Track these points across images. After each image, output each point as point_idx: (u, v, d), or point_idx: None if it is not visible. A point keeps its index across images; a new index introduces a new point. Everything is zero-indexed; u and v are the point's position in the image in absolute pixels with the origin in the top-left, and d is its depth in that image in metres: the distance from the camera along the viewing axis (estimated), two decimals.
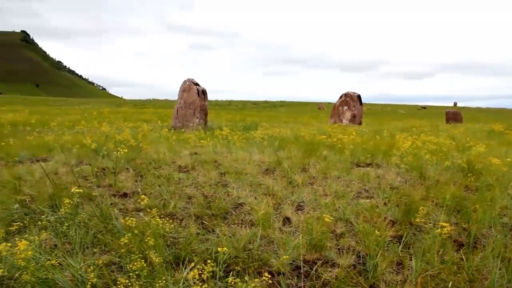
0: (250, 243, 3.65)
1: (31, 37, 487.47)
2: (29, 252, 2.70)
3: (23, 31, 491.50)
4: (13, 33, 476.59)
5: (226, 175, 5.70)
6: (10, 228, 3.47)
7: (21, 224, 3.62)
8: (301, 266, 3.37)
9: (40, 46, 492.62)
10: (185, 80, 14.24)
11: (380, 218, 4.27)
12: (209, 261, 2.82)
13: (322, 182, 5.58)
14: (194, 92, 13.78)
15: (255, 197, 4.83)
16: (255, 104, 73.78)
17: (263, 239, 3.78)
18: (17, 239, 3.06)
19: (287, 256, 3.35)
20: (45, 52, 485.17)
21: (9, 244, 2.80)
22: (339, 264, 3.43)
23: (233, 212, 4.43)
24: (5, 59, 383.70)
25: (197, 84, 14.02)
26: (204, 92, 14.00)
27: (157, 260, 2.97)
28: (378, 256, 3.37)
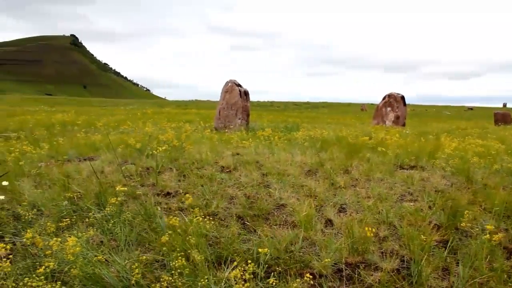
0: (291, 244, 3.63)
1: (79, 41, 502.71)
2: (77, 248, 2.79)
3: (72, 35, 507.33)
4: (63, 37, 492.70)
5: (268, 176, 5.70)
6: (60, 224, 3.58)
7: (70, 220, 3.74)
8: (343, 269, 3.33)
9: (87, 49, 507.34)
10: (227, 81, 14.34)
11: (424, 222, 4.17)
12: (250, 261, 2.83)
13: (365, 184, 5.50)
14: (236, 93, 13.86)
15: (297, 198, 4.82)
16: (297, 105, 73.56)
17: (305, 241, 3.76)
18: (66, 234, 3.15)
19: (329, 259, 3.32)
20: (92, 55, 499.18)
21: (59, 239, 2.89)
22: (382, 268, 3.37)
23: (275, 213, 4.42)
24: (55, 62, 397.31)
25: (239, 85, 14.09)
26: (246, 93, 14.06)
27: (199, 259, 3.00)
28: (423, 261, 3.29)
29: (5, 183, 4.48)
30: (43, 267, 2.66)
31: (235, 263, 3.11)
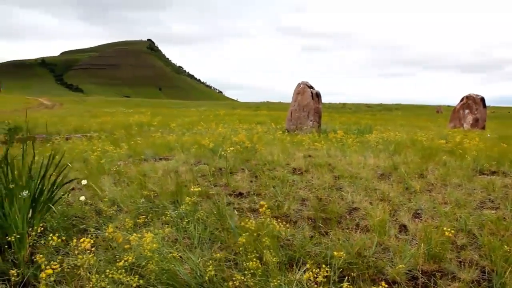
0: (364, 249, 3.56)
1: (155, 45, 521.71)
2: (154, 245, 2.89)
3: (149, 40, 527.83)
4: (140, 41, 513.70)
5: (340, 179, 5.63)
6: (138, 221, 3.73)
7: (147, 217, 3.89)
8: (419, 277, 3.22)
9: (163, 53, 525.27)
10: (299, 83, 14.31)
11: (508, 231, 3.94)
12: (323, 265, 2.80)
13: (441, 190, 5.30)
14: (308, 95, 13.80)
15: (370, 202, 4.72)
16: (369, 106, 72.13)
17: (378, 246, 3.67)
18: (144, 231, 3.27)
19: (403, 265, 3.22)
20: (168, 58, 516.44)
21: (138, 235, 3.02)
22: (460, 278, 3.22)
23: (347, 217, 4.36)
24: (133, 65, 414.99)
25: (311, 87, 14.03)
26: (318, 95, 13.97)
27: (271, 260, 3.02)
28: (506, 274, 3.11)
29: (84, 181, 4.72)
30: (123, 260, 2.78)
31: (307, 266, 3.09)
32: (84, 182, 4.73)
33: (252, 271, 2.85)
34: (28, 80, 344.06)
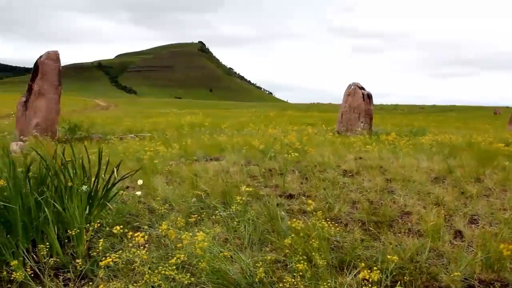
0: (417, 254, 3.47)
1: (206, 47, 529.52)
2: (205, 243, 2.92)
3: (200, 42, 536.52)
4: (192, 44, 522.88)
5: (392, 182, 5.52)
6: (189, 220, 3.79)
7: (198, 216, 3.95)
8: (475, 286, 3.11)
9: (214, 55, 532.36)
10: (350, 84, 14.16)
11: None
12: (375, 268, 2.75)
13: (499, 195, 5.08)
14: (359, 96, 13.63)
15: (423, 206, 4.59)
16: (422, 108, 70.35)
17: (432, 252, 3.56)
18: (195, 230, 3.32)
19: (459, 273, 3.11)
20: (218, 60, 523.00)
21: (190, 234, 3.07)
22: None
23: (399, 220, 4.26)
24: (185, 67, 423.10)
25: (362, 88, 13.85)
26: (369, 96, 13.77)
27: (321, 263, 2.99)
28: None
29: (140, 181, 4.84)
30: (175, 258, 2.83)
31: (358, 269, 3.05)
32: (140, 182, 4.85)
33: (301, 273, 2.84)
34: (85, 82, 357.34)
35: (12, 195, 3.47)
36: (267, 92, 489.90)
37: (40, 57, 12.69)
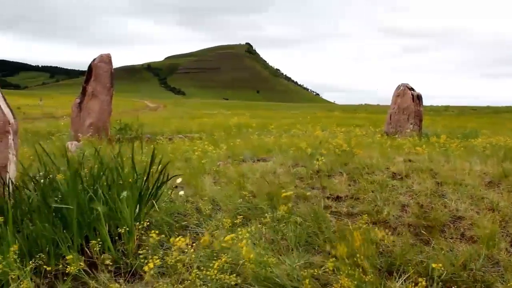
0: (470, 261, 3.35)
1: (253, 48, 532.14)
2: (251, 246, 2.94)
3: (247, 43, 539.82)
4: (239, 45, 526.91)
5: (443, 185, 5.36)
6: (236, 220, 3.81)
7: (244, 217, 3.97)
8: None
9: (261, 56, 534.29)
10: (399, 85, 13.88)
11: None
12: (420, 278, 2.68)
13: None
14: (408, 97, 13.33)
15: (477, 212, 4.43)
16: (475, 109, 68.00)
17: (486, 259, 3.43)
18: (241, 230, 3.34)
19: None
20: (265, 61, 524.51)
21: (234, 235, 3.09)
22: None
23: (451, 225, 4.13)
24: (232, 69, 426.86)
25: (411, 89, 13.54)
26: (419, 97, 13.44)
27: (370, 267, 2.94)
28: None
29: (179, 180, 4.91)
30: (220, 260, 2.86)
31: (407, 275, 2.98)
32: (179, 180, 4.92)
33: (350, 278, 2.80)
34: (136, 83, 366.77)
35: (68, 192, 3.60)
36: (314, 93, 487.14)
37: (94, 60, 13.10)
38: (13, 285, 2.90)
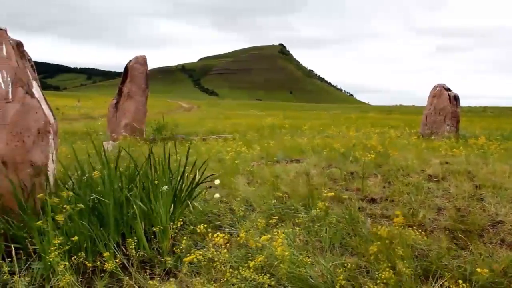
0: (511, 268, 3.26)
1: (286, 49, 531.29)
2: (285, 246, 2.93)
3: (280, 44, 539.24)
4: (272, 46, 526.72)
5: (482, 188, 5.22)
6: (269, 221, 3.81)
7: (278, 218, 3.97)
8: None
9: (294, 57, 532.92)
10: (435, 86, 13.63)
11: None
12: (460, 281, 2.62)
13: None
14: (445, 98, 13.08)
15: None
16: None
17: None
18: (275, 231, 3.34)
19: None
20: (299, 62, 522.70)
21: (269, 236, 3.09)
22: None
23: (490, 230, 4.02)
24: (265, 69, 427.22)
25: (448, 89, 13.27)
26: (456, 98, 13.17)
27: (406, 271, 2.89)
28: None
29: (217, 181, 4.94)
30: (255, 260, 2.87)
31: (445, 279, 2.92)
32: (217, 182, 4.95)
33: (384, 281, 2.76)
34: (170, 84, 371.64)
35: (105, 191, 3.68)
36: (348, 94, 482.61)
37: (130, 61, 13.36)
38: (53, 279, 2.98)
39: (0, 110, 3.64)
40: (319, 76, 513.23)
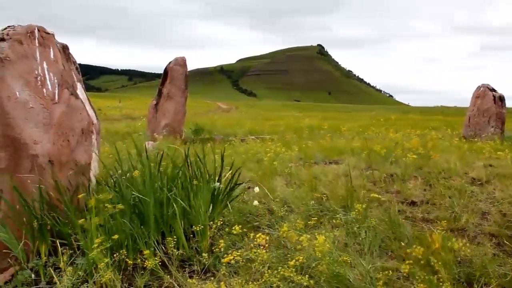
0: None
1: (325, 50, 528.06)
2: (326, 247, 2.91)
3: (319, 45, 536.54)
4: (310, 47, 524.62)
5: None
6: (308, 222, 3.80)
7: (317, 219, 3.95)
8: None
9: (332, 57, 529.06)
10: (479, 86, 13.27)
11: None
12: None
13: None
14: (489, 99, 12.72)
15: None
16: None
17: None
18: (314, 233, 3.32)
19: None
20: (337, 62, 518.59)
21: (308, 236, 3.08)
22: None
23: None
24: (304, 70, 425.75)
25: (493, 90, 12.90)
26: (501, 99, 12.78)
27: (447, 277, 2.83)
28: None
29: (256, 189, 4.94)
30: (294, 260, 2.86)
31: (491, 287, 2.83)
32: (256, 189, 4.95)
33: (425, 286, 2.71)
34: (208, 85, 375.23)
35: (146, 190, 3.75)
36: (387, 95, 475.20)
37: (169, 63, 13.58)
38: (96, 275, 3.07)
39: (47, 111, 3.75)
40: (358, 76, 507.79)
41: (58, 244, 3.37)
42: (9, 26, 3.74)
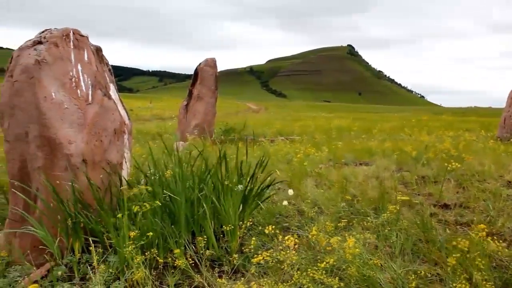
0: None
1: (355, 50, 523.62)
2: (356, 249, 2.88)
3: (349, 45, 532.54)
4: (341, 47, 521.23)
5: None
6: (338, 224, 3.77)
7: (347, 221, 3.91)
8: None
9: (362, 57, 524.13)
10: None
11: None
12: None
13: None
14: None
15: None
16: None
17: None
18: (345, 234, 3.29)
19: None
20: (367, 63, 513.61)
21: (339, 238, 3.06)
22: None
23: None
24: (333, 71, 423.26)
25: None
26: None
27: (483, 283, 2.76)
28: None
29: (290, 191, 4.92)
30: (324, 262, 2.84)
31: None
32: (290, 191, 4.92)
33: None
34: (238, 86, 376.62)
35: (177, 189, 3.79)
36: (419, 96, 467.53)
37: (200, 64, 13.67)
38: (128, 272, 3.12)
39: (81, 112, 3.83)
40: (388, 77, 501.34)
41: (91, 242, 3.44)
42: (46, 29, 3.84)
